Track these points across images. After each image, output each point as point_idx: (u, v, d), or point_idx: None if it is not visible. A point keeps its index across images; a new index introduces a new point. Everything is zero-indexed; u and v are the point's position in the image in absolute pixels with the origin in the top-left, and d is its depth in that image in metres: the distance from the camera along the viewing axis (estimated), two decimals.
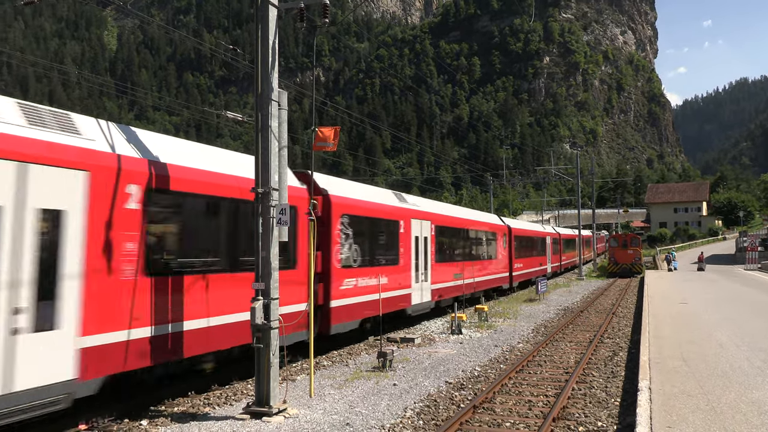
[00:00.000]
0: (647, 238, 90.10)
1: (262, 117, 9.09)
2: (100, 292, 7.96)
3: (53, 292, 7.38)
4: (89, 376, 7.79)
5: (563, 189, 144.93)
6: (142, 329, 8.59)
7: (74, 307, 7.61)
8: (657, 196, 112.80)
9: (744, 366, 10.89)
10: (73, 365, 7.58)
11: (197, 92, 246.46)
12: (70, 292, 7.56)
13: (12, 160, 6.99)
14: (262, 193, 9.03)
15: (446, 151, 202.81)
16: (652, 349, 12.62)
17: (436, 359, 13.27)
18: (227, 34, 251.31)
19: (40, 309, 7.22)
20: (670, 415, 7.79)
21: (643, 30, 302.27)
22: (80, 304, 7.69)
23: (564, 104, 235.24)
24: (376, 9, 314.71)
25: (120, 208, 8.31)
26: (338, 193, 14.20)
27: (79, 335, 7.66)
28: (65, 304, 7.50)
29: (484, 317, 19.66)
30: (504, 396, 10.12)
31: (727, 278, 36.03)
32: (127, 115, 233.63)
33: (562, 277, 46.38)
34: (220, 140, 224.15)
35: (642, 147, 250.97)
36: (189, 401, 9.86)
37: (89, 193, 7.87)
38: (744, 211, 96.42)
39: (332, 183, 14.49)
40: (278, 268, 9.14)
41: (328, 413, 8.98)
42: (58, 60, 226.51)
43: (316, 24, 10.10)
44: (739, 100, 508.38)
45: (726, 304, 21.68)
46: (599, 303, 25.97)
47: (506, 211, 79.99)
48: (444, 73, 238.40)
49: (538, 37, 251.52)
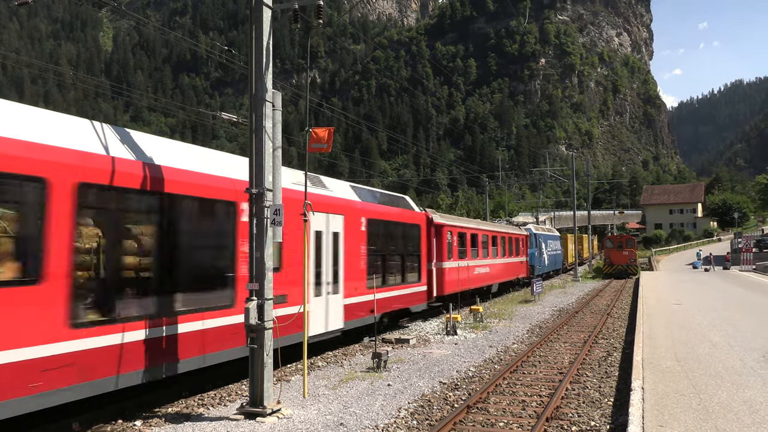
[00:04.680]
0: (643, 240, 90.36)
1: (256, 118, 9.11)
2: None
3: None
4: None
5: (559, 190, 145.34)
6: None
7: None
8: (652, 197, 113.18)
9: (737, 366, 10.94)
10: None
11: (193, 93, 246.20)
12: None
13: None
14: (256, 194, 9.05)
15: (442, 152, 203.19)
16: (646, 349, 12.67)
17: (431, 360, 13.29)
18: (223, 36, 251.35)
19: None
20: (662, 415, 7.82)
21: (638, 32, 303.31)
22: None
23: (560, 106, 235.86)
24: (372, 11, 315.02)
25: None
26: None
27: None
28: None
29: (479, 318, 19.69)
30: (498, 396, 10.14)
31: (722, 279, 36.15)
32: (123, 116, 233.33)
33: (558, 278, 46.43)
34: (215, 141, 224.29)
35: (637, 149, 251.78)
36: (183, 402, 9.86)
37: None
38: (739, 212, 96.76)
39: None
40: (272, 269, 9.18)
41: (322, 413, 8.99)
42: (54, 61, 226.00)
43: (310, 25, 10.12)
44: (734, 102, 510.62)
45: (720, 304, 21.76)
46: (594, 304, 26.03)
47: (502, 213, 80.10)
48: (440, 75, 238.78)
49: (533, 38, 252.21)
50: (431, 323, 19.79)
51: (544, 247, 39.68)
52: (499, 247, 28.87)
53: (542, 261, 38.72)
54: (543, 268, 39.17)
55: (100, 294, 8.17)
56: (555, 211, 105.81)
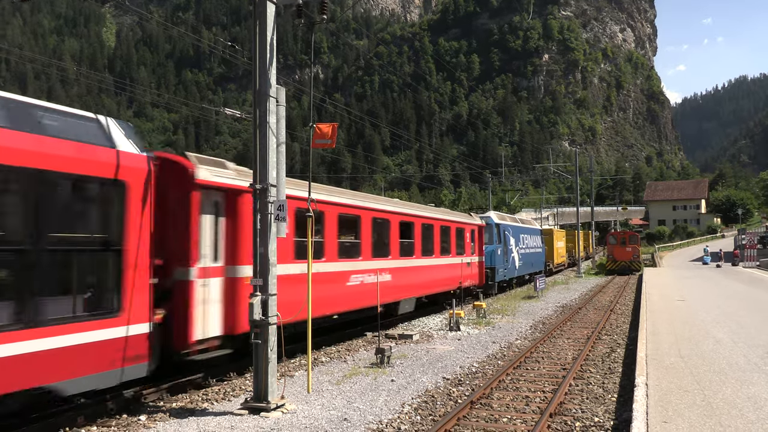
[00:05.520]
0: (646, 236, 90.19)
1: (260, 113, 9.11)
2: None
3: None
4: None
5: (562, 186, 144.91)
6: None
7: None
8: (656, 193, 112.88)
9: (740, 362, 10.92)
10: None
11: (196, 89, 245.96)
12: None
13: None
14: (260, 189, 9.05)
15: (445, 148, 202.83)
16: (650, 345, 12.66)
17: (434, 356, 13.30)
18: (226, 31, 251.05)
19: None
20: (666, 411, 7.82)
21: (642, 27, 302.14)
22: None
23: (563, 102, 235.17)
24: (375, 6, 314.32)
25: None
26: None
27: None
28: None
29: (482, 314, 19.70)
30: (501, 392, 10.15)
31: (726, 275, 36.08)
32: (126, 112, 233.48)
33: (561, 274, 46.40)
34: (219, 137, 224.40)
35: (641, 145, 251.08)
36: (187, 396, 9.89)
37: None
38: (743, 208, 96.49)
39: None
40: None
41: (326, 408, 9.01)
42: (57, 57, 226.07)
43: (314, 20, 10.10)
44: (738, 98, 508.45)
45: (724, 301, 21.73)
46: (597, 300, 26.02)
47: (505, 209, 79.96)
48: (443, 71, 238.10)
49: (537, 34, 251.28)
50: (434, 319, 19.80)
51: (514, 243, 30.53)
52: (419, 240, 18.98)
53: (510, 262, 29.65)
54: (512, 272, 30.28)
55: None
56: (558, 207, 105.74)
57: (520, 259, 31.95)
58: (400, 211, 17.98)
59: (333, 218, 13.96)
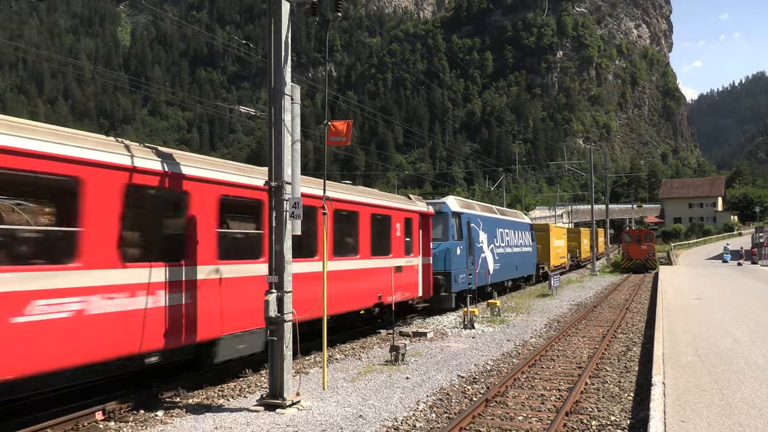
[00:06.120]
0: (661, 234, 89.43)
1: (275, 111, 9.13)
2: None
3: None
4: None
5: (576, 184, 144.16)
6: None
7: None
8: (671, 191, 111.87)
9: (759, 361, 10.80)
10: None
11: (210, 87, 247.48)
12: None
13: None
14: (275, 187, 9.08)
15: (458, 146, 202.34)
16: (666, 344, 12.55)
17: (449, 353, 13.28)
18: (240, 30, 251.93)
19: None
20: (684, 410, 7.75)
21: (657, 24, 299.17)
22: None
23: (577, 99, 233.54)
24: (388, 4, 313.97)
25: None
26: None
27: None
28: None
29: (496, 312, 19.64)
30: (516, 390, 10.11)
31: (742, 274, 35.69)
32: (141, 110, 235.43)
33: (575, 272, 46.14)
34: (233, 135, 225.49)
35: (656, 142, 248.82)
36: (203, 393, 9.96)
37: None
38: (760, 206, 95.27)
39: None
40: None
41: (341, 405, 9.04)
42: (73, 56, 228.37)
43: (328, 18, 10.11)
44: (755, 95, 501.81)
45: (741, 299, 21.49)
46: (612, 298, 25.84)
47: (519, 206, 79.56)
48: (456, 68, 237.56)
49: (551, 31, 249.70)
50: (448, 317, 19.76)
51: (486, 239, 23.90)
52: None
53: (480, 265, 22.89)
54: (482, 278, 23.11)
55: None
56: (572, 204, 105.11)
57: (496, 260, 25.17)
58: (217, 179, 9.88)
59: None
